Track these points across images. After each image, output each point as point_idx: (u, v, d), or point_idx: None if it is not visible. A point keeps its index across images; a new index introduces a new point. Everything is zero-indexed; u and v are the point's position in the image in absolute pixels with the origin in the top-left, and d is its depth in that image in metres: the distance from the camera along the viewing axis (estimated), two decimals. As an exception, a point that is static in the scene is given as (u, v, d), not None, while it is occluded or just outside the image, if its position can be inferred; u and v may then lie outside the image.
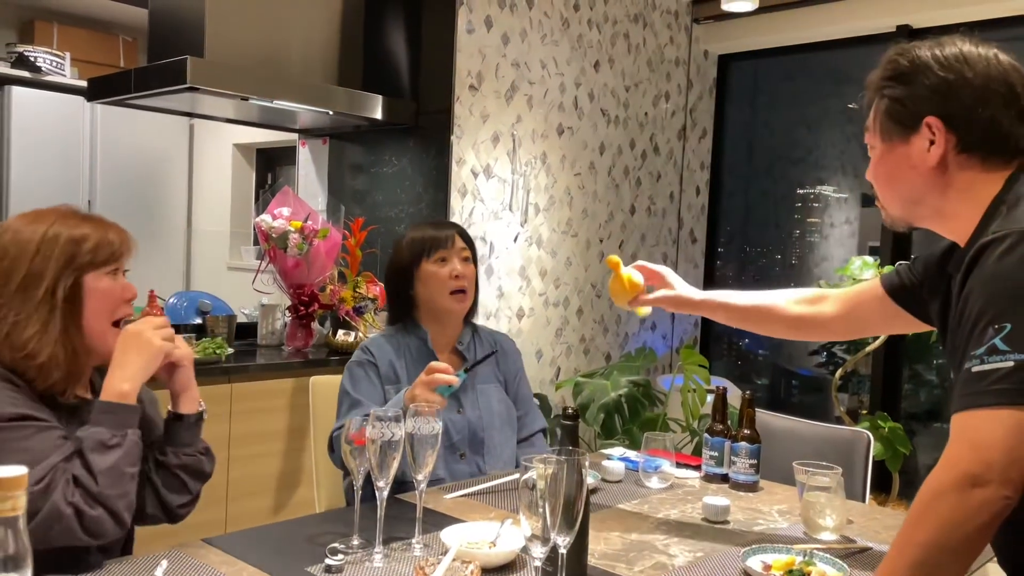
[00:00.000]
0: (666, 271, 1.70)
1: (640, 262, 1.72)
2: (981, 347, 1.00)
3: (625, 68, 3.89)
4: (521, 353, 2.16)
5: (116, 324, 1.40)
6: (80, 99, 3.86)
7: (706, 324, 4.46)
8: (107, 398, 1.32)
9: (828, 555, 1.40)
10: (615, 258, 1.69)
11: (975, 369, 1.00)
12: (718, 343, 4.57)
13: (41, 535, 1.19)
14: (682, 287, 1.69)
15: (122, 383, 1.33)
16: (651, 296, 1.69)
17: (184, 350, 1.43)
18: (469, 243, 2.02)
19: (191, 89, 2.70)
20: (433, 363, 1.74)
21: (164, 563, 1.18)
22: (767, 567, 1.36)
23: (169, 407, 1.46)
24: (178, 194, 4.52)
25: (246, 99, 2.87)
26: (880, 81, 1.24)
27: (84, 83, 3.24)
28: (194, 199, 4.62)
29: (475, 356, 2.00)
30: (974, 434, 0.98)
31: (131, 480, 1.30)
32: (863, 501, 2.02)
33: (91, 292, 1.36)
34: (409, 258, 1.97)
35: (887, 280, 1.46)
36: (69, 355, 1.33)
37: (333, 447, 1.88)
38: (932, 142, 1.19)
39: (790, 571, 1.33)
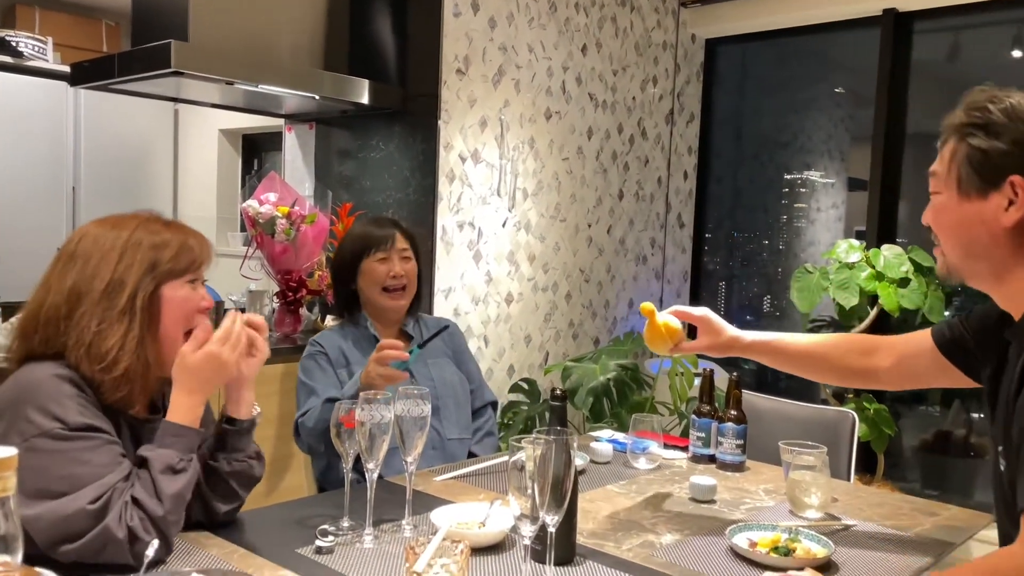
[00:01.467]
0: (709, 315, 1.59)
1: (677, 307, 1.61)
2: None
3: (612, 52, 3.88)
4: (464, 335, 2.37)
5: (188, 334, 1.36)
6: (63, 84, 3.83)
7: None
8: (177, 420, 1.29)
9: (813, 532, 1.42)
10: (650, 305, 1.57)
11: None
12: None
13: (91, 554, 1.17)
14: (730, 330, 1.58)
15: (194, 408, 1.30)
16: (696, 343, 1.59)
17: (261, 355, 1.39)
18: (411, 240, 2.14)
19: (175, 73, 2.67)
20: (383, 341, 1.84)
21: (155, 542, 1.18)
22: (753, 544, 1.37)
23: (222, 410, 1.43)
24: (163, 180, 4.49)
25: (231, 83, 2.84)
26: (965, 127, 1.17)
27: (67, 68, 3.21)
28: (179, 185, 4.59)
29: (419, 336, 2.12)
30: None
31: (185, 507, 1.28)
32: (848, 480, 2.04)
33: (169, 301, 1.33)
34: (351, 254, 2.10)
35: (937, 333, 1.42)
36: (143, 366, 1.29)
37: (299, 432, 1.97)
38: (1012, 202, 1.13)
39: (775, 548, 1.35)
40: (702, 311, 1.59)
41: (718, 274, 4.65)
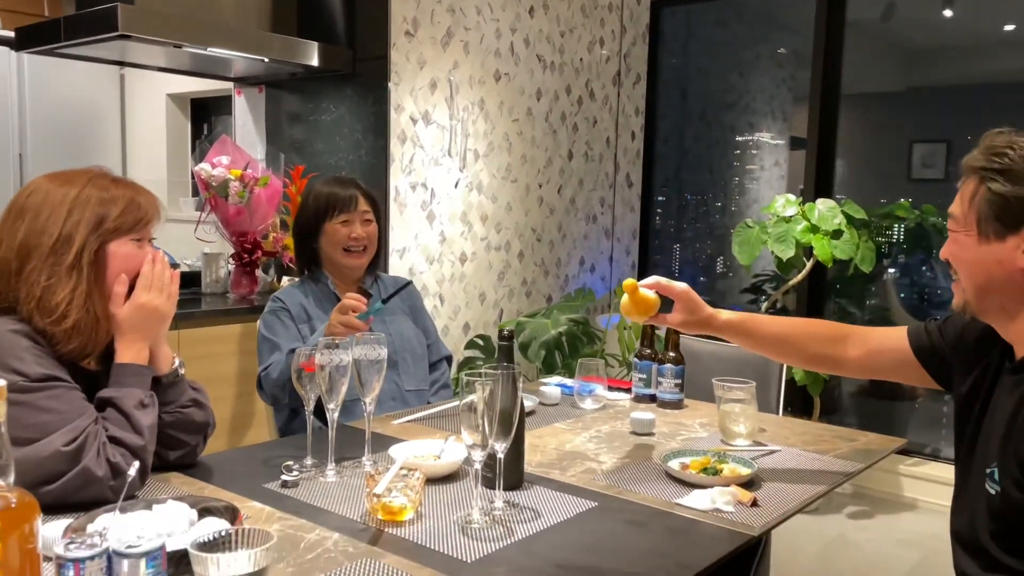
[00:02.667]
0: (689, 291, 1.58)
1: (655, 278, 1.58)
2: None
3: (560, 14, 3.95)
4: (421, 295, 2.50)
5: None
6: (5, 50, 3.76)
7: (643, 266, 4.62)
8: (131, 361, 1.37)
9: (740, 455, 1.56)
10: (632, 281, 1.57)
11: None
12: (654, 283, 4.73)
13: (70, 494, 1.24)
14: (707, 309, 1.59)
15: (143, 349, 1.40)
16: (672, 317, 1.59)
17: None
18: (373, 203, 2.20)
19: (122, 37, 2.68)
20: (347, 294, 1.94)
21: (136, 463, 1.22)
22: (685, 466, 1.51)
23: None
24: (111, 145, 4.45)
25: (179, 46, 2.85)
26: (985, 170, 1.20)
27: (9, 33, 3.17)
28: (128, 150, 4.55)
29: (379, 294, 2.20)
30: None
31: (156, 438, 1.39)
32: (777, 414, 2.20)
33: (114, 257, 1.37)
34: (314, 215, 2.16)
35: (915, 336, 1.45)
36: (92, 320, 1.35)
37: (262, 385, 2.05)
38: None
39: (704, 468, 1.48)
40: (683, 286, 1.58)
41: (666, 232, 4.80)
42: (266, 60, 3.10)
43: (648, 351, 2.07)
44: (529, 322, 3.57)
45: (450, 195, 3.53)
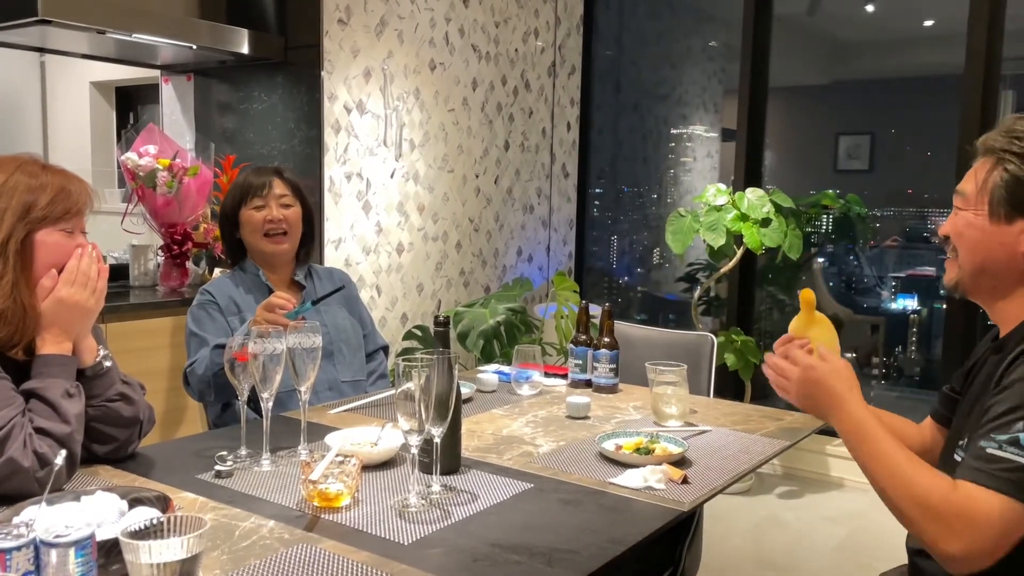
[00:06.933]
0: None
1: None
2: (1005, 435, 1.09)
3: (494, 4, 3.95)
4: (355, 284, 2.47)
5: None
6: (-87, 33, 3.58)
7: (580, 258, 4.67)
8: (55, 352, 1.34)
9: (671, 435, 1.60)
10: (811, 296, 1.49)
11: (990, 451, 1.09)
12: (591, 274, 4.80)
13: None
14: None
15: (64, 340, 1.36)
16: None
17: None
18: (292, 186, 2.16)
19: (42, 22, 2.59)
20: (276, 292, 1.91)
21: (63, 452, 1.20)
22: (619, 447, 1.54)
23: None
24: (32, 135, 4.29)
25: (103, 32, 2.77)
26: (1003, 152, 1.21)
27: (-82, 14, 3.02)
28: (50, 141, 4.39)
29: (313, 288, 2.19)
30: (976, 511, 1.08)
31: (83, 427, 1.35)
32: (708, 395, 2.26)
33: (41, 246, 1.34)
34: (231, 204, 2.14)
35: (935, 415, 1.48)
36: (20, 310, 1.31)
37: (188, 381, 2.02)
38: None
39: (638, 449, 1.52)
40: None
41: (602, 222, 4.86)
42: (194, 47, 3.03)
43: (584, 337, 2.11)
44: (467, 312, 3.58)
45: (386, 185, 3.51)
